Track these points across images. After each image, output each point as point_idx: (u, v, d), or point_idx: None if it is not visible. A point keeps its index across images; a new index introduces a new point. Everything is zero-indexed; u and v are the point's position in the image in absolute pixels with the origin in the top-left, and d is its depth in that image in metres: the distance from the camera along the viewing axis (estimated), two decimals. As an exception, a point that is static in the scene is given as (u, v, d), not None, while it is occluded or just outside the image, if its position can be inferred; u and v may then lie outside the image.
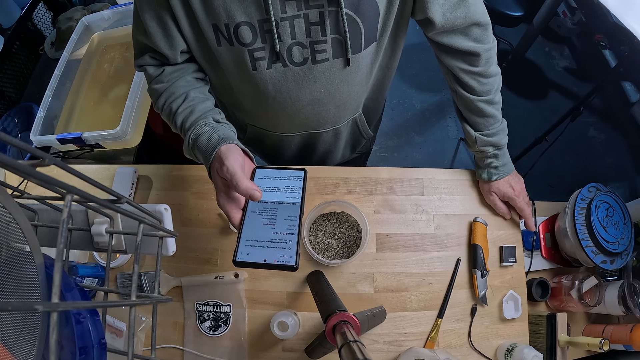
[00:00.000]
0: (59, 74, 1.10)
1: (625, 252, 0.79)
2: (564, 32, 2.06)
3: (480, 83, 0.68)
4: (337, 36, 0.56)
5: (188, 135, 0.57)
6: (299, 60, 0.58)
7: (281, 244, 0.47)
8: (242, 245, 0.48)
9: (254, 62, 0.57)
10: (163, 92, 0.62)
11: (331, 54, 0.58)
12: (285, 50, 0.56)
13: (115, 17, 1.23)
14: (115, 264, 0.75)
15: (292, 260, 0.46)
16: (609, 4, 1.20)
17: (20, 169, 0.20)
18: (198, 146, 0.55)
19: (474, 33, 0.63)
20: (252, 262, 0.46)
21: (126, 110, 0.99)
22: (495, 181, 0.75)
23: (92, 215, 0.41)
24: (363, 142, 0.90)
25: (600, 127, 2.07)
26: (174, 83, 0.61)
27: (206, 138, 0.54)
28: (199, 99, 0.60)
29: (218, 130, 0.55)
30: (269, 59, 0.57)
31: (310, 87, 0.62)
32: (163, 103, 0.62)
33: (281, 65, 0.58)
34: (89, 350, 0.33)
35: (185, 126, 0.58)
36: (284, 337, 0.65)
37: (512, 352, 0.69)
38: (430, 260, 0.76)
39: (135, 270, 0.32)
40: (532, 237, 0.85)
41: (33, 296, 0.32)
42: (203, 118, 0.57)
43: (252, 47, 0.55)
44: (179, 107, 0.59)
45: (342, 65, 0.60)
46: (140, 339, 0.71)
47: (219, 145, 0.52)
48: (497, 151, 0.74)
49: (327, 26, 0.54)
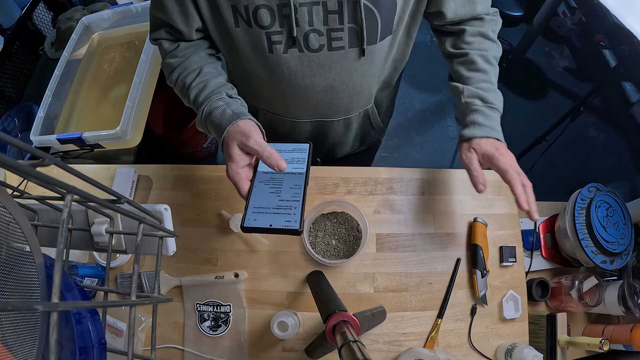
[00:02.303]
0: (59, 74, 1.10)
1: (625, 252, 0.79)
2: (564, 32, 2.06)
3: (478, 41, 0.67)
4: (354, 26, 0.56)
5: (201, 109, 0.59)
6: (315, 46, 0.58)
7: (286, 210, 0.50)
8: (249, 212, 0.51)
9: (270, 45, 0.58)
10: (177, 66, 0.63)
11: (347, 43, 0.59)
12: (302, 36, 0.57)
13: (115, 17, 1.23)
14: (115, 264, 0.75)
15: (296, 224, 0.48)
16: (609, 4, 1.20)
17: (20, 169, 0.20)
18: (211, 120, 0.57)
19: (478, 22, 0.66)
20: (258, 227, 0.49)
21: (126, 110, 0.99)
22: (477, 138, 0.62)
23: (92, 215, 0.41)
24: (372, 133, 0.90)
25: (600, 127, 2.07)
26: (188, 58, 0.63)
27: (220, 113, 0.56)
28: (212, 74, 0.62)
29: (231, 105, 0.57)
30: (285, 44, 0.58)
31: (324, 74, 0.63)
32: (177, 77, 0.63)
33: (297, 51, 0.59)
34: (89, 350, 0.33)
35: (199, 100, 0.60)
36: (284, 337, 0.65)
37: (512, 352, 0.69)
38: (430, 260, 0.76)
39: (135, 270, 0.32)
40: (532, 237, 0.85)
41: (33, 296, 0.32)
42: (217, 93, 0.59)
43: (270, 30, 0.56)
44: (192, 82, 0.61)
45: (357, 55, 0.61)
46: (140, 339, 0.71)
47: (234, 120, 0.54)
48: (485, 108, 0.63)
49: (344, 15, 0.55)
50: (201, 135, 1.70)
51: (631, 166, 1.95)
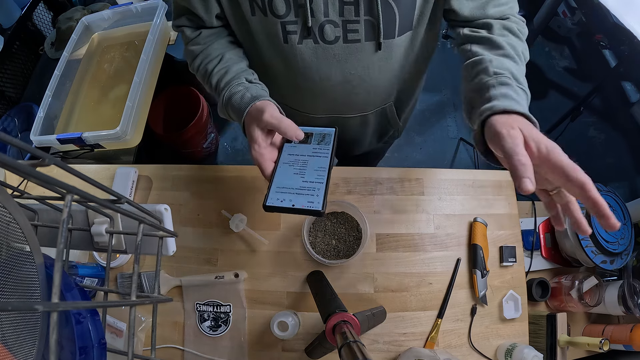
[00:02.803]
0: (59, 74, 1.10)
1: (625, 252, 0.79)
2: (564, 32, 2.06)
3: (502, 33, 0.57)
4: (370, 18, 0.56)
5: (222, 94, 0.60)
6: (331, 38, 0.58)
7: (309, 191, 0.50)
8: (272, 192, 0.50)
9: (285, 35, 0.58)
10: (199, 53, 0.64)
11: (363, 36, 0.58)
12: (317, 26, 0.57)
13: (115, 17, 1.23)
14: (115, 264, 0.75)
15: (319, 205, 0.47)
16: (609, 4, 1.20)
17: (20, 169, 0.20)
18: (232, 104, 0.58)
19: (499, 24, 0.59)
20: (281, 207, 0.48)
21: (126, 110, 0.99)
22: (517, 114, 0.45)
23: (92, 215, 0.41)
24: (390, 131, 0.89)
25: (600, 127, 2.07)
26: (210, 45, 0.64)
27: (239, 97, 0.57)
28: (233, 60, 0.63)
29: (251, 89, 0.58)
30: (300, 34, 0.58)
31: (339, 67, 0.62)
32: (199, 64, 0.64)
33: (312, 42, 0.59)
34: (89, 350, 0.33)
35: (220, 86, 0.60)
36: (284, 337, 0.65)
37: (512, 352, 0.69)
38: (430, 260, 0.76)
39: (135, 270, 0.32)
40: (532, 237, 0.86)
41: (33, 296, 0.32)
42: (237, 78, 0.60)
43: (285, 20, 0.56)
44: (214, 68, 0.62)
45: (373, 48, 0.60)
46: (140, 339, 0.71)
47: (253, 102, 0.55)
48: (518, 88, 0.50)
49: (360, 7, 0.54)
50: (201, 135, 1.70)
51: (631, 166, 1.95)
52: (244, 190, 0.80)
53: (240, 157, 1.96)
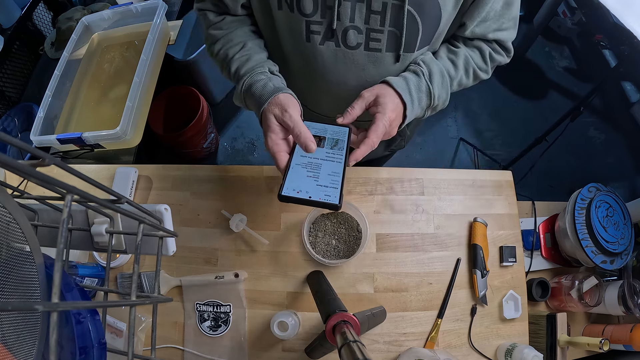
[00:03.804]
0: (59, 74, 1.10)
1: (625, 252, 0.79)
2: (564, 32, 2.06)
3: (471, 49, 0.65)
4: (394, 30, 0.56)
5: (242, 80, 0.59)
6: (353, 44, 0.58)
7: (326, 183, 0.50)
8: (288, 182, 0.50)
9: (309, 34, 0.58)
10: (221, 38, 0.64)
11: (385, 46, 0.58)
12: (341, 30, 0.57)
13: (115, 17, 1.23)
14: (115, 264, 0.75)
15: (336, 199, 0.47)
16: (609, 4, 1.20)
17: (20, 169, 0.20)
18: (252, 92, 0.57)
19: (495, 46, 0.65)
20: (297, 198, 0.48)
21: (126, 110, 0.99)
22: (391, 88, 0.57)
23: (92, 215, 0.41)
24: (397, 140, 0.90)
25: (600, 127, 2.07)
26: (233, 31, 0.63)
27: (261, 85, 0.57)
28: (255, 50, 0.63)
29: (273, 80, 0.58)
30: (323, 35, 0.58)
31: (357, 73, 0.63)
32: (220, 48, 0.64)
33: (334, 45, 0.59)
34: (89, 350, 0.33)
35: (240, 72, 0.60)
36: (284, 337, 0.65)
37: (512, 352, 0.69)
38: (430, 260, 0.76)
39: (135, 270, 0.32)
40: (532, 237, 0.86)
41: (33, 296, 0.32)
42: (260, 67, 0.60)
43: (311, 19, 0.56)
44: (235, 54, 0.61)
45: (392, 60, 0.60)
46: (140, 339, 0.71)
47: (276, 93, 0.55)
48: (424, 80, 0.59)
49: (387, 17, 0.55)
50: (201, 135, 1.70)
51: (631, 166, 1.95)
52: (244, 190, 0.80)
53: (240, 157, 1.96)
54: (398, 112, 0.57)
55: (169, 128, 1.68)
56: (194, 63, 1.61)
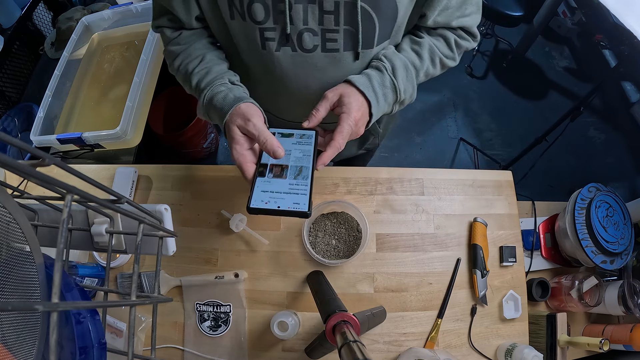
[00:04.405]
0: (59, 74, 1.10)
1: (625, 252, 0.79)
2: (564, 32, 2.06)
3: (436, 38, 0.64)
4: (350, 28, 0.55)
5: (203, 94, 0.58)
6: (309, 47, 0.57)
7: (295, 192, 0.49)
8: (255, 193, 0.49)
9: (263, 41, 0.57)
10: (180, 53, 0.63)
11: (342, 46, 0.57)
12: (295, 34, 0.56)
13: (115, 17, 1.23)
14: (115, 264, 0.75)
15: (305, 207, 0.47)
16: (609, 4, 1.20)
17: (20, 169, 0.20)
18: (214, 105, 0.57)
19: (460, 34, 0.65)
20: (266, 209, 0.48)
21: (126, 110, 0.99)
22: (354, 88, 0.56)
23: (92, 215, 0.41)
24: (371, 139, 0.89)
25: (600, 127, 2.07)
26: (191, 45, 0.63)
27: (222, 97, 0.56)
28: (215, 61, 0.62)
29: (234, 90, 0.58)
30: (278, 41, 0.57)
31: (318, 76, 0.62)
32: (179, 64, 0.63)
33: (290, 49, 0.58)
34: (89, 350, 0.33)
35: (201, 86, 0.60)
36: (284, 337, 0.65)
37: (512, 352, 0.69)
38: (430, 260, 0.76)
39: (135, 270, 0.32)
40: (532, 237, 0.86)
41: (33, 296, 0.32)
42: (219, 78, 0.59)
43: (264, 26, 0.55)
44: (195, 68, 0.61)
45: (352, 58, 0.60)
46: (140, 339, 0.71)
47: (237, 103, 0.54)
48: (388, 76, 0.59)
49: (340, 16, 0.54)
50: (201, 135, 1.70)
51: (631, 166, 1.95)
52: (244, 190, 0.80)
53: (240, 157, 1.96)
54: (363, 110, 0.56)
55: (169, 128, 1.68)
56: (194, 63, 1.61)
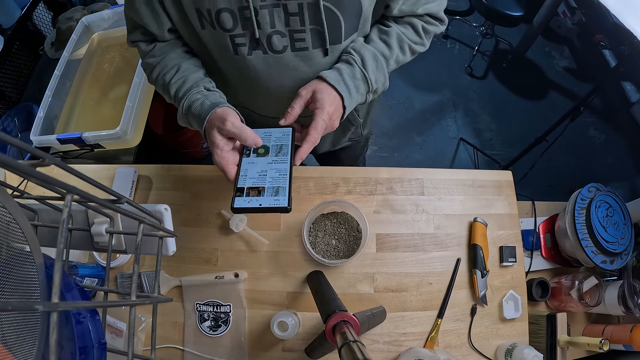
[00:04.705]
0: (59, 74, 1.10)
1: (625, 252, 0.79)
2: (564, 32, 2.06)
3: (404, 25, 0.65)
4: (315, 27, 0.57)
5: (182, 103, 0.60)
6: (279, 48, 0.59)
7: (274, 189, 0.52)
8: (238, 194, 0.52)
9: (235, 47, 0.59)
10: (156, 65, 0.65)
11: (310, 44, 0.59)
12: (265, 37, 0.58)
13: (115, 17, 1.23)
14: (115, 264, 0.75)
15: (284, 202, 0.50)
16: (609, 4, 1.20)
17: (20, 169, 0.20)
18: (192, 112, 0.59)
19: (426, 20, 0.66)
20: (249, 207, 0.51)
21: (126, 110, 0.99)
22: (325, 83, 0.58)
23: (92, 215, 0.41)
24: (352, 128, 0.90)
25: (600, 127, 2.07)
26: (166, 56, 0.65)
27: (199, 104, 0.58)
28: (190, 70, 0.64)
29: (210, 97, 0.59)
30: (249, 46, 0.59)
31: (291, 74, 0.63)
32: (157, 75, 0.65)
33: (261, 52, 0.60)
34: (89, 350, 0.33)
35: (179, 95, 0.61)
36: (284, 337, 0.65)
37: (512, 352, 0.69)
38: (430, 260, 0.76)
39: (135, 270, 0.32)
40: (532, 237, 0.86)
41: (33, 296, 0.32)
42: (195, 87, 0.61)
43: (233, 33, 0.57)
44: (172, 78, 0.62)
45: (321, 55, 0.61)
46: (140, 339, 0.71)
47: (213, 109, 0.56)
48: (359, 68, 0.60)
49: (305, 17, 0.56)
50: (201, 135, 1.70)
51: (631, 166, 1.95)
52: (244, 190, 0.80)
53: (240, 157, 1.96)
54: (336, 104, 0.58)
55: (169, 128, 1.68)
56: (194, 63, 1.61)
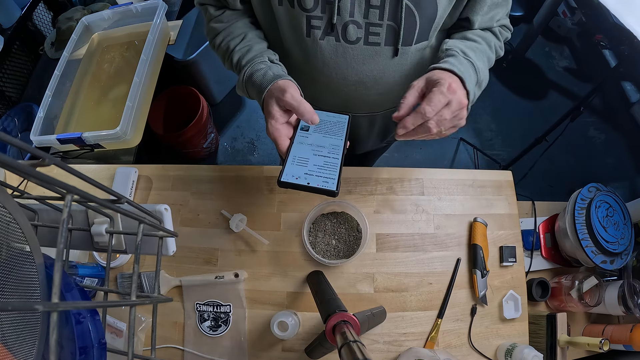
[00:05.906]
0: (59, 74, 1.10)
1: (625, 252, 0.79)
2: (564, 32, 2.06)
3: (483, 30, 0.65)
4: (392, 23, 0.57)
5: (244, 71, 0.61)
6: (352, 38, 0.59)
7: (324, 171, 0.51)
8: (287, 168, 0.51)
9: (309, 29, 0.59)
10: (222, 30, 0.65)
11: (383, 40, 0.59)
12: (341, 25, 0.58)
13: (115, 17, 1.23)
14: (115, 264, 0.75)
15: (333, 185, 0.48)
16: (609, 4, 1.20)
17: (20, 169, 0.20)
18: (253, 81, 0.59)
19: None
20: (296, 184, 0.49)
21: (126, 110, 0.99)
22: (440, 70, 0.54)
23: (92, 215, 0.41)
24: (392, 133, 0.91)
25: (600, 127, 2.07)
26: (233, 23, 0.65)
27: (262, 74, 0.58)
28: (255, 40, 0.64)
29: (273, 68, 0.60)
30: (324, 30, 0.59)
31: (357, 68, 0.64)
32: (220, 41, 0.66)
33: (334, 39, 0.60)
34: (89, 350, 0.33)
35: (242, 63, 0.62)
36: (284, 337, 0.65)
37: (512, 352, 0.69)
38: (430, 260, 0.76)
39: (135, 270, 0.32)
40: (532, 237, 0.86)
41: (33, 296, 0.32)
42: (260, 56, 0.61)
43: (311, 14, 0.57)
44: (236, 46, 0.63)
45: (391, 54, 0.61)
46: (140, 339, 0.71)
47: (275, 80, 0.56)
48: (463, 58, 0.57)
49: (385, 11, 0.56)
50: (201, 135, 1.70)
51: (631, 166, 1.95)
52: (244, 190, 0.80)
53: (240, 157, 1.96)
54: (457, 83, 0.52)
55: (169, 128, 1.68)
56: (194, 63, 1.61)
